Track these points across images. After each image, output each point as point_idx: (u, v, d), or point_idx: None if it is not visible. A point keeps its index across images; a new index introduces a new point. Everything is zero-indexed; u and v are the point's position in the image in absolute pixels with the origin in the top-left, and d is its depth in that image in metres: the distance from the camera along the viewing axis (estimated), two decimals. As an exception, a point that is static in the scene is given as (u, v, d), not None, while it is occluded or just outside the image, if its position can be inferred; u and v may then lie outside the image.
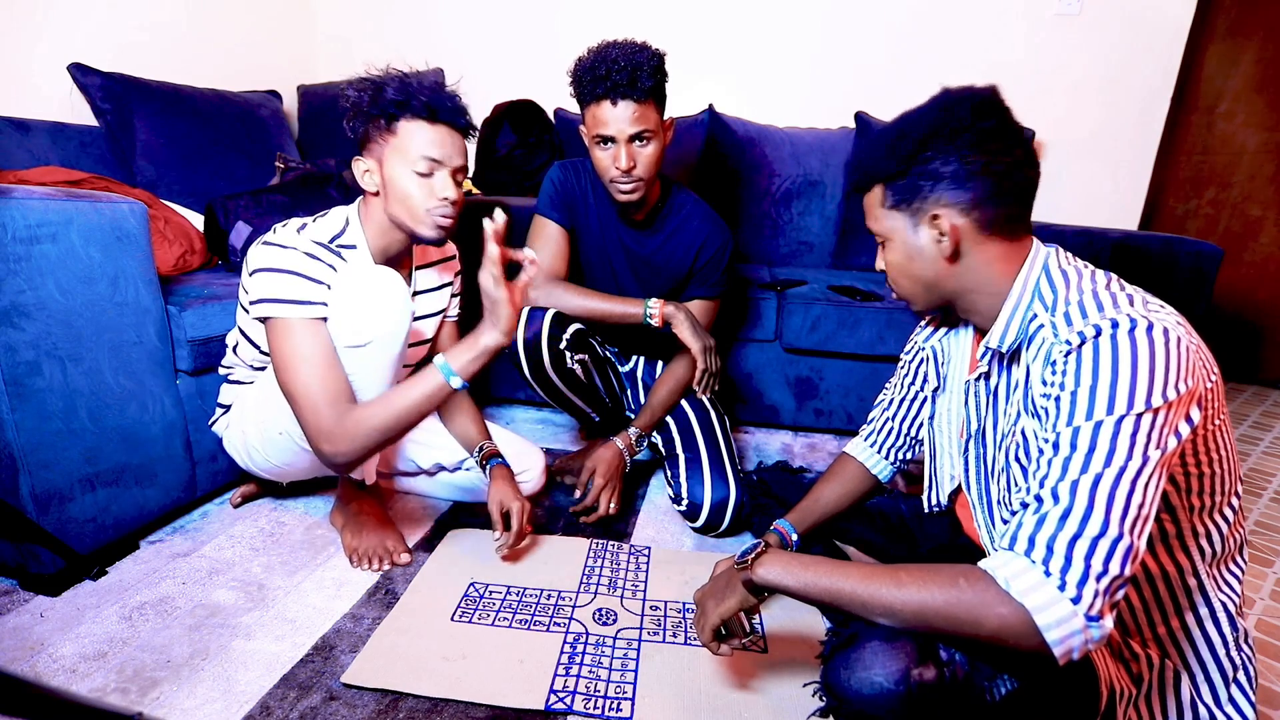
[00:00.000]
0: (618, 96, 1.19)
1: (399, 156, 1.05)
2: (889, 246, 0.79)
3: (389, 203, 1.08)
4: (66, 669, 0.90)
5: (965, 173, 0.70)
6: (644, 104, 1.21)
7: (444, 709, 0.87)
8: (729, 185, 2.17)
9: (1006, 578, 0.58)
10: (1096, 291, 0.67)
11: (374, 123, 1.05)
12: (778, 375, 1.85)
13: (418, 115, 1.04)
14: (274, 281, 1.00)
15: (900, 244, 0.77)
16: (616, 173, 1.25)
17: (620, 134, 1.21)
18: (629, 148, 1.23)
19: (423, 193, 1.06)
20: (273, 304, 0.99)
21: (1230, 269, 2.66)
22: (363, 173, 1.09)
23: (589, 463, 1.38)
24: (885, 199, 0.76)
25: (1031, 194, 0.73)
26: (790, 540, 1.04)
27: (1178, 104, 2.35)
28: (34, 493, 1.01)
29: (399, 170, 1.05)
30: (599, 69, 1.19)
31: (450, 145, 1.07)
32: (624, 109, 1.20)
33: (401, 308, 1.04)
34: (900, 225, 0.76)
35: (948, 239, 0.72)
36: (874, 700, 0.64)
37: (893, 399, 1.04)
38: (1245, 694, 0.71)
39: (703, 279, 1.43)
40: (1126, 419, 0.58)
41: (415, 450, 1.36)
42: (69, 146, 1.67)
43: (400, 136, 1.05)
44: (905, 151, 0.73)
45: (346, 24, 2.59)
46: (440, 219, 1.08)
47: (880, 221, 0.78)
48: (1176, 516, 0.69)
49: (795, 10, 2.34)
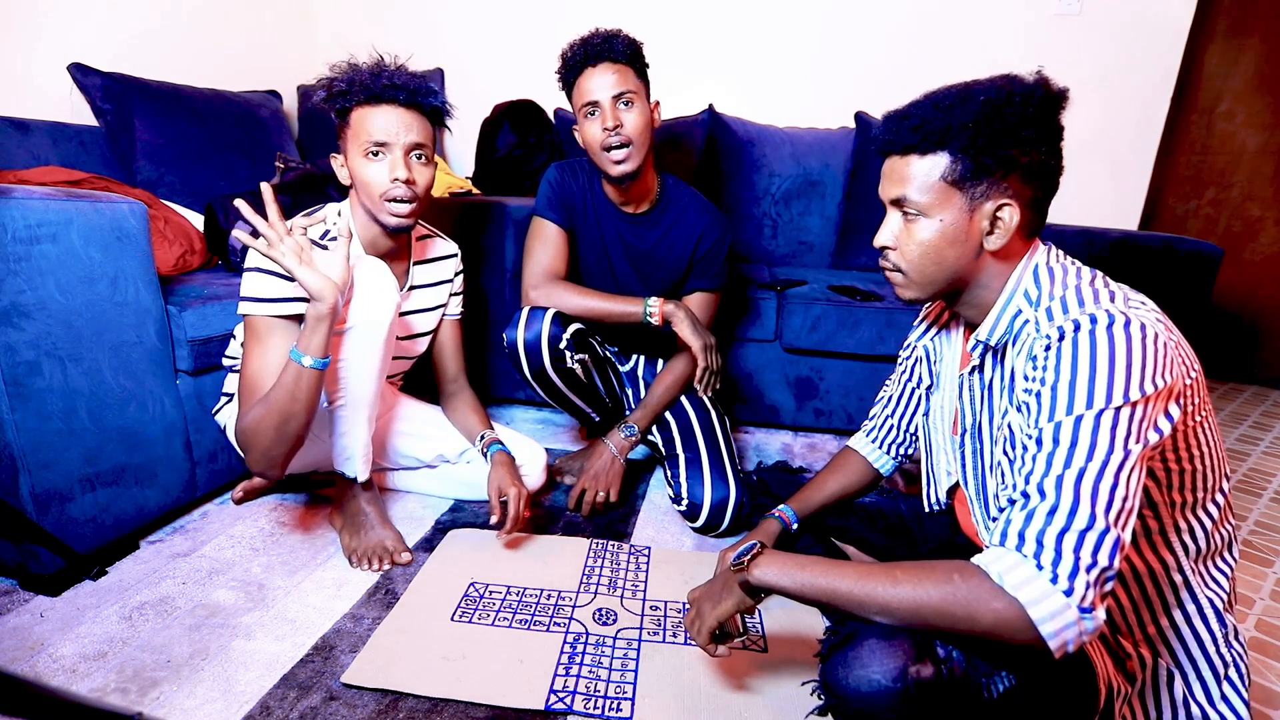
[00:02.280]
0: (598, 59, 1.25)
1: (354, 144, 1.07)
2: (923, 224, 0.72)
3: (358, 193, 1.10)
4: (66, 669, 0.90)
5: (1038, 169, 0.69)
6: (623, 65, 1.27)
7: (444, 709, 0.87)
8: (729, 185, 2.17)
9: (1000, 572, 0.59)
10: (1080, 287, 0.67)
11: (335, 117, 1.08)
12: (778, 375, 1.85)
13: (363, 101, 1.05)
14: (251, 280, 1.03)
15: (945, 224, 0.71)
16: (605, 135, 1.27)
17: (604, 96, 1.26)
18: (615, 109, 1.26)
19: (376, 177, 1.07)
20: (246, 302, 1.03)
21: (1230, 269, 2.66)
22: (339, 168, 1.12)
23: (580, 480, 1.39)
24: (950, 171, 0.69)
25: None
26: (789, 524, 1.04)
27: (1178, 104, 2.35)
28: (34, 493, 1.01)
29: (355, 159, 1.08)
30: (577, 46, 1.27)
31: (397, 123, 1.05)
32: (604, 70, 1.26)
33: (385, 296, 1.06)
34: (955, 204, 0.70)
35: (1002, 232, 0.70)
36: (872, 698, 0.64)
37: (891, 396, 1.05)
38: (1238, 691, 0.72)
39: (703, 271, 1.44)
40: (1105, 413, 0.59)
41: (417, 443, 1.36)
42: (69, 146, 1.67)
43: (352, 125, 1.07)
44: (998, 128, 0.67)
45: (346, 24, 2.59)
46: (393, 204, 1.07)
47: (928, 194, 0.71)
48: (1158, 512, 0.69)
49: (795, 10, 2.34)
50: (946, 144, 0.69)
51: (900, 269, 0.76)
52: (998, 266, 0.74)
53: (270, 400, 0.98)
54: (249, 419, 0.99)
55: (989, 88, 0.68)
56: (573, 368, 1.36)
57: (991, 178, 0.69)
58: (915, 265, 0.74)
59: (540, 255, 1.39)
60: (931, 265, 0.73)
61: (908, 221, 0.74)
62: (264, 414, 0.98)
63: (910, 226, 0.73)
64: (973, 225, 0.71)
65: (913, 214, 0.73)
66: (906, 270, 0.75)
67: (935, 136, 0.69)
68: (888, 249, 0.77)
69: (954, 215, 0.71)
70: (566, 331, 1.34)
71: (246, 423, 1.00)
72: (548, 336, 1.32)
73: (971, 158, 0.68)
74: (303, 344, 0.97)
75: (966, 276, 0.75)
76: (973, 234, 0.71)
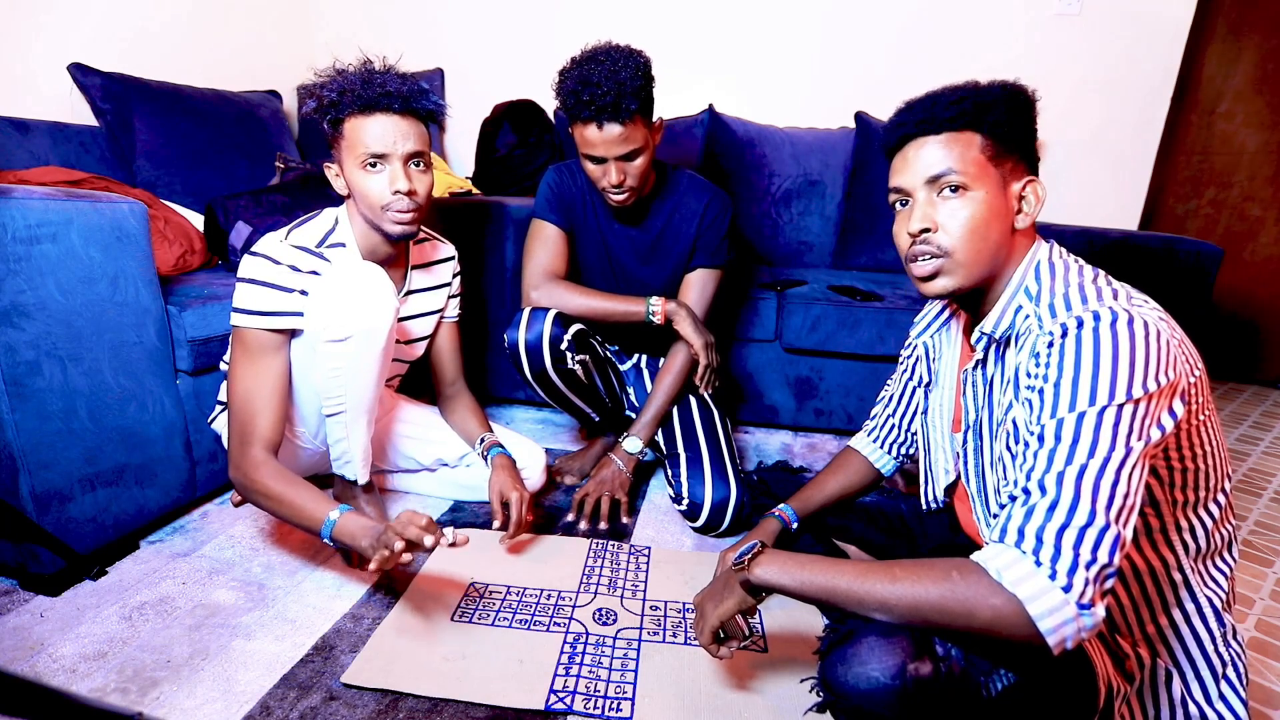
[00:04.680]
0: (604, 120, 1.18)
1: (350, 156, 1.04)
2: (968, 198, 0.70)
3: (358, 204, 1.08)
4: (66, 669, 0.90)
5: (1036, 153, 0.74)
6: (630, 124, 1.19)
7: (444, 709, 0.87)
8: (729, 185, 2.17)
9: (998, 569, 0.59)
10: (1082, 285, 0.68)
11: (328, 127, 1.05)
12: (778, 375, 1.85)
13: (356, 111, 1.01)
14: (244, 292, 1.01)
15: (990, 197, 0.70)
16: (607, 184, 1.26)
17: (609, 154, 1.22)
18: (618, 164, 1.23)
19: (377, 189, 1.04)
20: (237, 314, 1.02)
21: (1230, 269, 2.66)
22: (334, 177, 1.09)
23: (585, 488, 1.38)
24: (986, 146, 0.71)
25: None
26: (789, 523, 1.04)
27: (1178, 104, 2.35)
28: (34, 493, 1.01)
29: (352, 171, 1.04)
30: (582, 93, 1.16)
31: (394, 133, 1.01)
32: (610, 131, 1.19)
33: (384, 304, 1.04)
34: (994, 179, 0.71)
35: (1028, 210, 0.73)
36: (870, 695, 0.64)
37: (893, 395, 1.04)
38: (1236, 691, 0.72)
39: (704, 246, 1.42)
40: (1108, 410, 0.59)
41: (416, 447, 1.36)
42: (69, 146, 1.67)
43: (347, 136, 1.03)
44: (1019, 110, 0.72)
45: (346, 24, 2.59)
46: (397, 214, 1.05)
47: (972, 166, 0.70)
48: (1160, 511, 0.69)
49: (795, 10, 2.34)
50: (981, 120, 0.71)
51: (944, 251, 0.71)
52: (1014, 254, 0.74)
53: (282, 502, 0.99)
54: (254, 483, 1.00)
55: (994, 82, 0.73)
56: (574, 369, 1.36)
57: (1017, 156, 0.72)
58: (964, 242, 0.70)
59: (540, 256, 1.39)
60: (980, 241, 0.70)
61: (944, 200, 0.71)
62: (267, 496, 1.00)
63: (950, 204, 0.71)
64: (1008, 202, 0.72)
65: (954, 191, 0.71)
66: (952, 250, 0.71)
67: (970, 114, 0.71)
68: (926, 232, 0.72)
69: (994, 190, 0.71)
70: (568, 333, 1.34)
71: (250, 481, 1.00)
72: (549, 338, 1.32)
73: (1003, 135, 0.71)
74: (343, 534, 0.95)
75: (1002, 261, 0.73)
76: (1008, 211, 0.72)
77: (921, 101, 0.74)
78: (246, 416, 1.02)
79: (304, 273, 1.03)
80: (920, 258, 0.73)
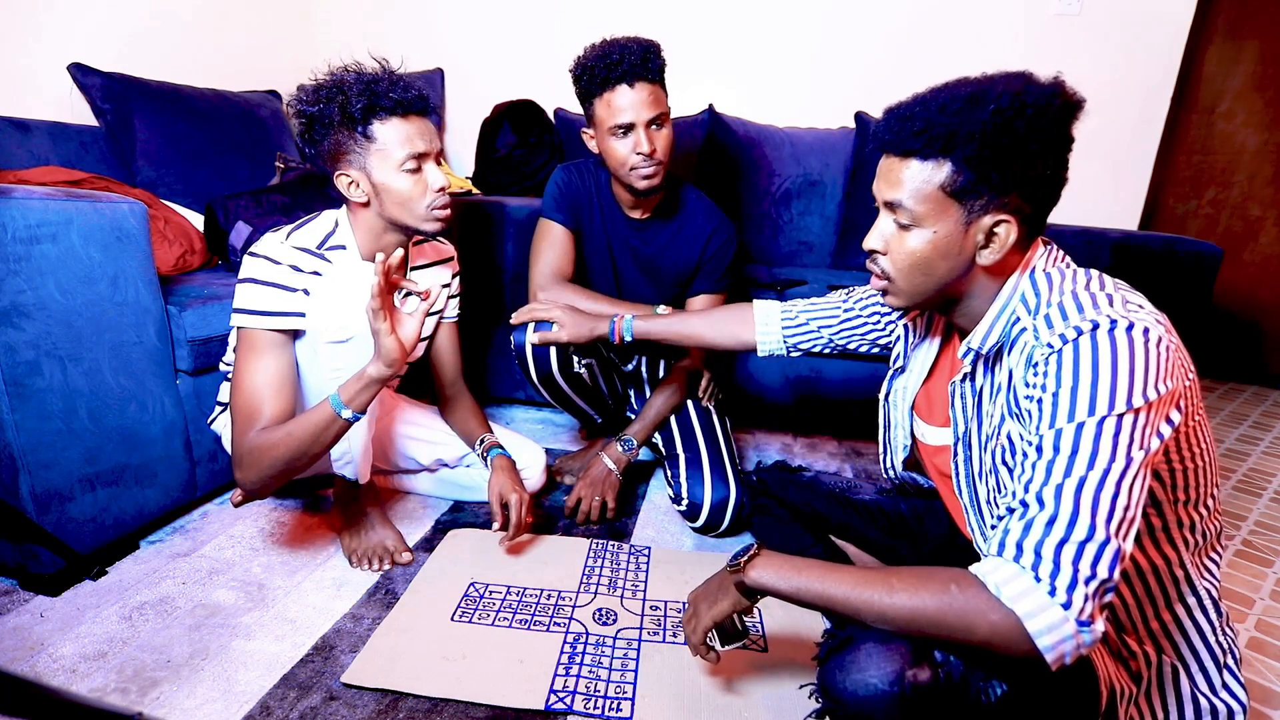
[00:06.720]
0: (634, 78, 1.19)
1: (384, 161, 1.02)
2: (916, 233, 0.69)
3: (385, 207, 1.05)
4: (66, 669, 0.90)
5: (1043, 183, 0.65)
6: (657, 85, 1.23)
7: (444, 709, 0.87)
8: (729, 185, 2.17)
9: (996, 584, 0.58)
10: (1076, 293, 0.66)
11: (347, 134, 1.01)
12: (778, 375, 1.85)
13: (391, 114, 1.01)
14: (246, 292, 1.01)
15: (939, 236, 0.68)
16: (638, 159, 1.24)
17: (640, 118, 1.22)
18: (649, 132, 1.23)
19: (418, 190, 1.05)
20: (240, 314, 1.02)
21: (1230, 269, 2.66)
22: (348, 186, 1.05)
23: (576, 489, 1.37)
24: (950, 181, 0.65)
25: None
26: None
27: (1178, 104, 2.35)
28: (34, 493, 1.01)
29: (389, 175, 1.03)
30: (611, 55, 1.19)
31: (429, 133, 1.06)
32: (641, 91, 1.21)
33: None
34: (952, 216, 0.67)
35: (996, 248, 0.68)
36: (869, 701, 0.64)
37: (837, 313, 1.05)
38: (1235, 677, 0.72)
39: (709, 273, 1.43)
40: (1108, 420, 0.58)
41: (416, 447, 1.36)
42: (69, 146, 1.67)
43: (379, 141, 1.01)
44: (1006, 142, 0.63)
45: (346, 24, 2.59)
46: (440, 210, 1.08)
47: (924, 203, 0.67)
48: (1162, 511, 0.69)
49: (795, 10, 2.34)
50: (950, 152, 0.65)
51: (889, 275, 0.73)
52: (989, 278, 0.72)
53: (292, 434, 0.97)
54: (261, 441, 0.98)
55: (1001, 94, 0.63)
56: (580, 372, 1.36)
57: (993, 192, 0.65)
58: (904, 274, 0.72)
59: (548, 257, 1.39)
60: (920, 276, 0.71)
61: (900, 228, 0.71)
62: (279, 443, 0.97)
63: (902, 234, 0.70)
64: (967, 239, 0.68)
65: (905, 221, 0.70)
66: (894, 278, 0.73)
67: (939, 143, 0.65)
68: (876, 253, 0.73)
69: (949, 227, 0.67)
70: None
71: (257, 443, 0.98)
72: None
73: (975, 170, 0.64)
74: (347, 394, 0.96)
75: (957, 289, 0.73)
76: (966, 248, 0.69)
77: (897, 113, 0.70)
78: (252, 406, 1.01)
79: (305, 273, 1.03)
80: (873, 273, 0.76)
